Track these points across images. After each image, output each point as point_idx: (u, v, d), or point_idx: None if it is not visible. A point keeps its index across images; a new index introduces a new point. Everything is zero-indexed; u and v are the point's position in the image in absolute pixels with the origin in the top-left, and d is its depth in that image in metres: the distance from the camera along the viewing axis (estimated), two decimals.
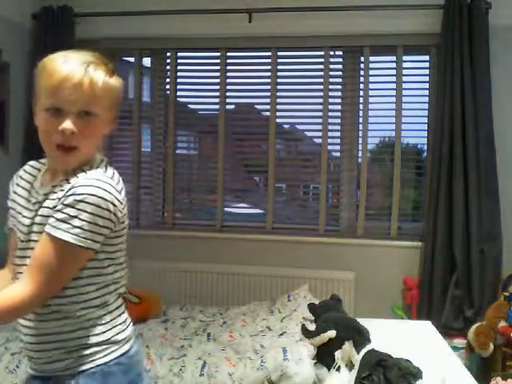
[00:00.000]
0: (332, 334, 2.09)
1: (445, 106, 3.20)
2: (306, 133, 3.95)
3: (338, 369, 1.98)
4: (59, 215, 1.05)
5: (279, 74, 3.64)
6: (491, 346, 2.86)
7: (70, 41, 3.56)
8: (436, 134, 3.26)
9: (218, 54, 3.68)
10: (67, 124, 1.08)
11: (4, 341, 2.28)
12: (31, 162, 1.33)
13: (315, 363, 2.10)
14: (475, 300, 3.15)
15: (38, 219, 1.12)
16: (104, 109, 1.13)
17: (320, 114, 3.57)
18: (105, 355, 1.13)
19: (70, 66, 1.08)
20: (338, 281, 3.38)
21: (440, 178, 3.23)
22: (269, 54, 3.63)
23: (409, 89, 3.47)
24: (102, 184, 1.10)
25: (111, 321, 1.18)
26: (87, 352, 1.11)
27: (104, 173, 1.16)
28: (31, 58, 3.61)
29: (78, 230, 1.04)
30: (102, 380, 1.11)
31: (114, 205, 1.15)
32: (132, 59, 3.82)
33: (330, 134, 3.60)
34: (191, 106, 3.96)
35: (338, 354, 2.02)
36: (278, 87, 3.63)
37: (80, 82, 1.07)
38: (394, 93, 3.46)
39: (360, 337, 2.09)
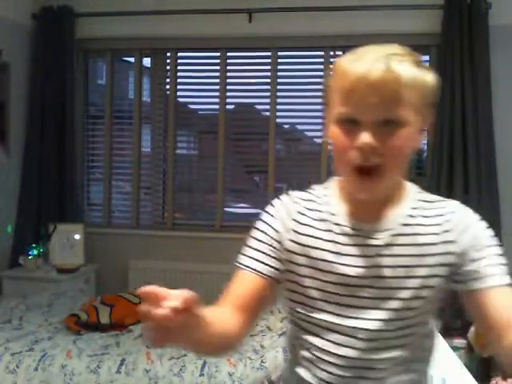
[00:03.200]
0: None
1: (445, 106, 3.20)
2: (305, 133, 3.95)
3: None
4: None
5: (279, 73, 3.63)
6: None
7: (70, 41, 3.57)
8: (436, 133, 3.26)
9: (218, 54, 3.68)
10: (365, 137, 0.83)
11: (4, 341, 2.28)
12: (300, 194, 1.05)
13: None
14: None
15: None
16: (415, 113, 0.87)
17: (320, 114, 3.57)
18: None
19: (365, 62, 0.85)
20: None
21: (440, 178, 3.23)
22: (269, 54, 3.62)
23: None
24: None
25: None
26: None
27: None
28: (31, 58, 3.61)
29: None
30: None
31: None
32: (132, 59, 3.82)
33: None
34: (191, 106, 3.96)
35: None
36: (278, 87, 3.63)
37: (380, 80, 0.82)
38: None
39: None
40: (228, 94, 3.71)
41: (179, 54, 3.76)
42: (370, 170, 0.84)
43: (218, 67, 3.69)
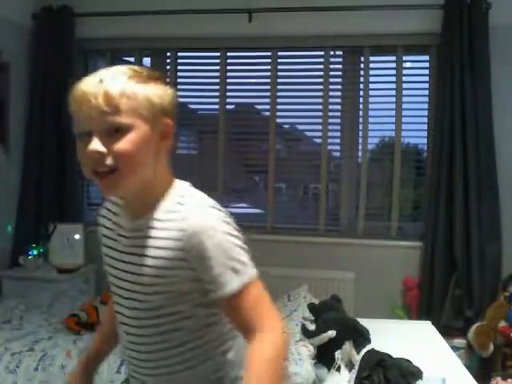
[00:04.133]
0: (332, 334, 2.09)
1: (445, 106, 3.20)
2: (306, 133, 3.95)
3: (338, 369, 1.98)
4: None
5: (279, 73, 3.63)
6: (491, 346, 2.86)
7: (69, 41, 3.57)
8: (436, 133, 3.26)
9: (218, 54, 3.68)
10: (91, 145, 0.93)
11: (4, 341, 2.28)
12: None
13: (315, 363, 2.10)
14: (475, 300, 3.15)
15: None
16: (140, 119, 0.95)
17: (320, 114, 3.57)
18: None
19: (83, 82, 0.98)
20: (338, 281, 3.38)
21: (440, 178, 3.23)
22: (269, 54, 3.63)
23: (409, 89, 3.48)
24: None
25: None
26: None
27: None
28: (31, 58, 3.61)
29: None
30: None
31: None
32: (132, 59, 3.82)
33: (330, 133, 3.60)
34: (191, 106, 3.96)
35: (338, 354, 2.02)
36: (278, 87, 3.63)
37: (95, 96, 0.94)
38: (393, 93, 3.46)
39: (360, 337, 2.09)
40: (228, 93, 3.71)
41: (179, 54, 3.76)
42: (106, 173, 0.94)
43: (218, 67, 3.69)
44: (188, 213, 0.97)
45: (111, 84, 0.95)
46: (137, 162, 0.96)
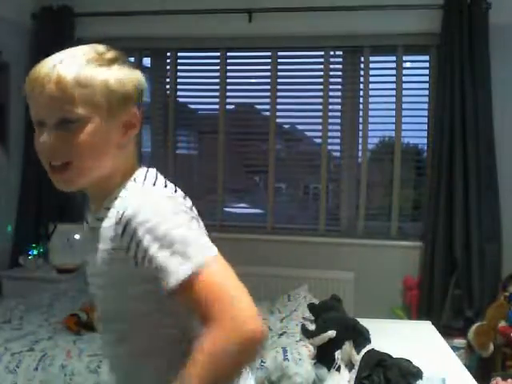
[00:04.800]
0: (332, 334, 2.09)
1: (445, 106, 3.20)
2: (305, 133, 3.95)
3: (338, 369, 1.98)
4: None
5: (279, 73, 3.63)
6: (491, 346, 2.86)
7: (69, 41, 3.57)
8: (436, 134, 3.26)
9: (218, 53, 3.68)
10: (42, 138, 0.87)
11: (4, 341, 2.28)
12: None
13: (315, 363, 2.10)
14: (475, 300, 3.15)
15: None
16: (97, 109, 0.87)
17: (320, 114, 3.57)
18: None
19: (38, 67, 0.87)
20: (338, 281, 3.38)
21: (440, 178, 3.23)
22: (269, 54, 3.63)
23: (409, 89, 3.47)
24: None
25: None
26: None
27: None
28: (31, 58, 3.61)
29: None
30: None
31: None
32: (132, 59, 3.81)
33: (330, 133, 3.60)
34: (191, 106, 3.96)
35: (338, 354, 2.02)
36: (278, 87, 3.63)
37: (45, 82, 0.84)
38: (393, 93, 3.46)
39: (360, 337, 2.09)
40: (228, 93, 3.71)
41: (179, 54, 3.76)
42: (60, 167, 0.89)
43: (217, 67, 3.69)
44: (127, 197, 0.88)
45: (66, 69, 0.86)
46: (93, 156, 0.88)
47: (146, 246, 0.81)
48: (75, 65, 0.87)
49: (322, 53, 3.57)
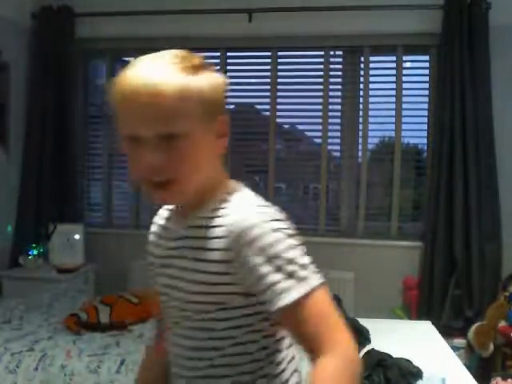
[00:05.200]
0: None
1: (445, 106, 3.20)
2: (306, 133, 3.95)
3: None
4: None
5: (279, 73, 3.63)
6: (491, 346, 2.86)
7: (69, 41, 3.57)
8: (436, 133, 3.26)
9: (218, 53, 3.68)
10: (145, 157, 0.83)
11: (4, 341, 2.28)
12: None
13: None
14: (475, 300, 3.15)
15: None
16: (197, 121, 0.84)
17: (320, 114, 3.57)
18: None
19: (130, 78, 0.83)
20: (338, 281, 3.38)
21: (440, 178, 3.23)
22: (269, 54, 3.62)
23: (409, 89, 3.48)
24: None
25: None
26: None
27: None
28: (31, 58, 3.61)
29: None
30: None
31: None
32: (132, 59, 3.81)
33: (330, 133, 3.60)
34: None
35: None
36: (278, 87, 3.63)
37: (145, 96, 0.80)
38: (393, 93, 3.46)
39: (360, 337, 2.09)
40: (228, 93, 3.70)
41: None
42: (163, 183, 0.85)
43: (218, 67, 3.69)
44: (235, 211, 0.87)
45: (165, 80, 0.81)
46: (197, 171, 0.86)
47: (257, 263, 0.81)
48: (172, 75, 0.82)
49: (322, 53, 3.57)
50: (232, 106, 3.80)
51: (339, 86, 3.60)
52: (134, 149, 0.84)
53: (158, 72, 0.82)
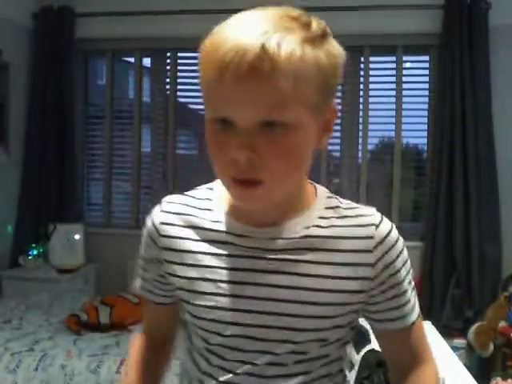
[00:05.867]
0: None
1: (445, 106, 3.20)
2: None
3: None
4: None
5: None
6: (491, 346, 2.86)
7: (69, 41, 3.57)
8: (436, 134, 3.26)
9: None
10: (236, 151, 0.64)
11: (4, 341, 2.28)
12: (174, 198, 0.87)
13: None
14: (475, 300, 3.15)
15: None
16: (308, 107, 0.65)
17: None
18: None
19: (242, 37, 0.61)
20: None
21: (440, 178, 3.23)
22: None
23: (409, 89, 3.48)
24: None
25: None
26: None
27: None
28: (31, 58, 3.61)
29: None
30: None
31: None
32: (132, 59, 3.82)
33: None
34: (191, 106, 3.96)
35: None
36: None
37: (253, 71, 0.60)
38: (393, 93, 3.46)
39: (360, 337, 2.09)
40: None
41: (179, 54, 3.76)
42: (250, 182, 0.66)
43: None
44: (370, 217, 0.76)
45: (285, 53, 0.60)
46: (295, 171, 0.69)
47: (403, 278, 0.81)
48: (293, 49, 0.61)
49: None
50: None
51: (339, 86, 3.59)
52: (220, 134, 0.66)
53: (277, 38, 0.61)
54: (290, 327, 0.73)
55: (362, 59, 3.52)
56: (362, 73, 3.53)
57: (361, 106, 3.53)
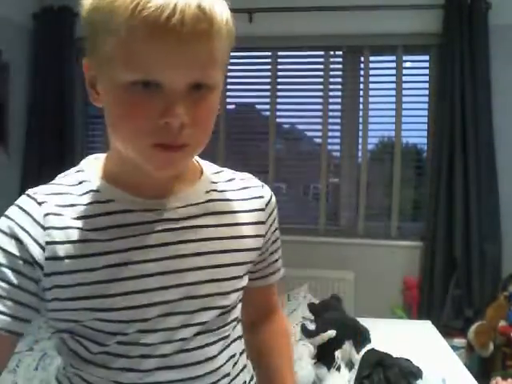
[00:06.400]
0: (332, 333, 2.09)
1: (445, 106, 3.20)
2: (305, 133, 3.95)
3: (338, 368, 1.98)
4: None
5: (279, 73, 3.63)
6: (491, 346, 2.86)
7: (69, 41, 3.57)
8: (436, 133, 3.27)
9: None
10: (170, 116, 0.60)
11: None
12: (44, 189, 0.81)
13: (315, 363, 2.10)
14: (475, 300, 3.15)
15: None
16: (222, 68, 0.67)
17: (320, 113, 3.57)
18: None
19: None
20: (338, 281, 3.38)
21: (440, 178, 3.23)
22: (269, 54, 3.63)
23: (409, 89, 3.48)
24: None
25: None
26: None
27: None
28: (31, 58, 3.61)
29: None
30: None
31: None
32: None
33: (329, 133, 3.60)
34: None
35: (338, 353, 2.02)
36: (278, 87, 3.63)
37: (192, 31, 0.58)
38: (393, 93, 3.46)
39: (360, 337, 2.09)
40: (228, 93, 3.71)
41: None
42: (176, 146, 0.63)
43: None
44: (252, 180, 0.84)
45: (219, 14, 0.61)
46: (209, 136, 0.68)
47: (278, 236, 0.89)
48: (222, 7, 0.62)
49: (322, 53, 3.57)
50: (232, 106, 3.80)
51: (339, 86, 3.60)
52: (143, 99, 0.60)
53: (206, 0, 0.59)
54: (203, 294, 0.73)
55: (362, 59, 3.52)
56: (361, 73, 3.53)
57: (361, 106, 3.53)
